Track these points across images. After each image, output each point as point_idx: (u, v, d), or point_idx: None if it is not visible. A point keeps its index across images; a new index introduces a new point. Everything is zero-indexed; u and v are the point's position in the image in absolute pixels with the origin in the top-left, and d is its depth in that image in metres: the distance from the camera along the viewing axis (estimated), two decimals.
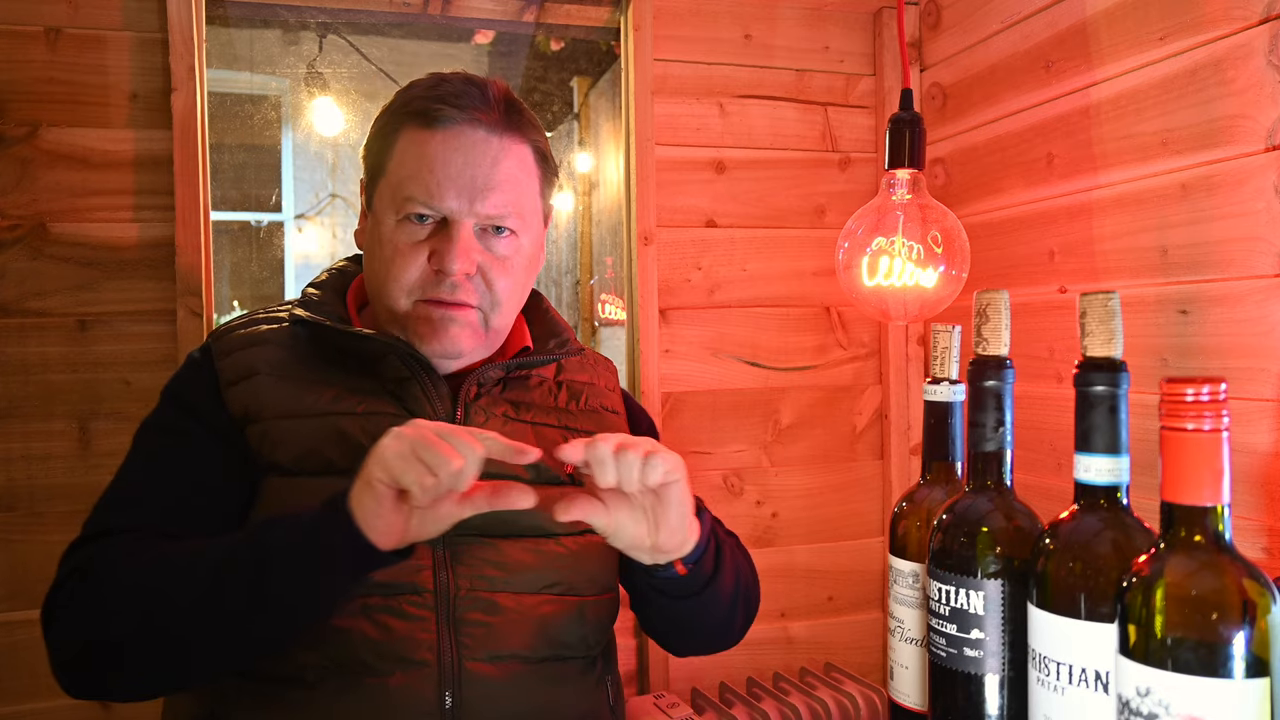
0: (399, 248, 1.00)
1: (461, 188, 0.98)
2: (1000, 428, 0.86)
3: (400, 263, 0.99)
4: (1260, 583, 0.65)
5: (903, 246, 1.48)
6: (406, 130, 1.01)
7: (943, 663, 0.86)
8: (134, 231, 1.50)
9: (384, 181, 1.02)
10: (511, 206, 1.01)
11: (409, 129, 1.01)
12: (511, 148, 1.02)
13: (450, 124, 0.99)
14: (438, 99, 0.99)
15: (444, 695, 0.93)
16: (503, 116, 1.01)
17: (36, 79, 1.46)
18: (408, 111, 1.01)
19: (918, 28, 1.85)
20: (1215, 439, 0.65)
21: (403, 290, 1.00)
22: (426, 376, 1.02)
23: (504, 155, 1.01)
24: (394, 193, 1.00)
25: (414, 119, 1.00)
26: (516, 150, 1.02)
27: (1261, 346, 1.17)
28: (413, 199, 0.98)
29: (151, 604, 0.87)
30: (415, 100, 1.01)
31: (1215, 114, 1.22)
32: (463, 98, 1.00)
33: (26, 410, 1.46)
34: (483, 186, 0.99)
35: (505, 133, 1.01)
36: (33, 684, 1.42)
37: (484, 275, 1.01)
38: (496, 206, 1.00)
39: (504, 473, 1.02)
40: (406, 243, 1.00)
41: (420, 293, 1.00)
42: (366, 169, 1.07)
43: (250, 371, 1.00)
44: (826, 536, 1.86)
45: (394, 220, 1.00)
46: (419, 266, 1.00)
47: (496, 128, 1.01)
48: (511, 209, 1.01)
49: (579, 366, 1.17)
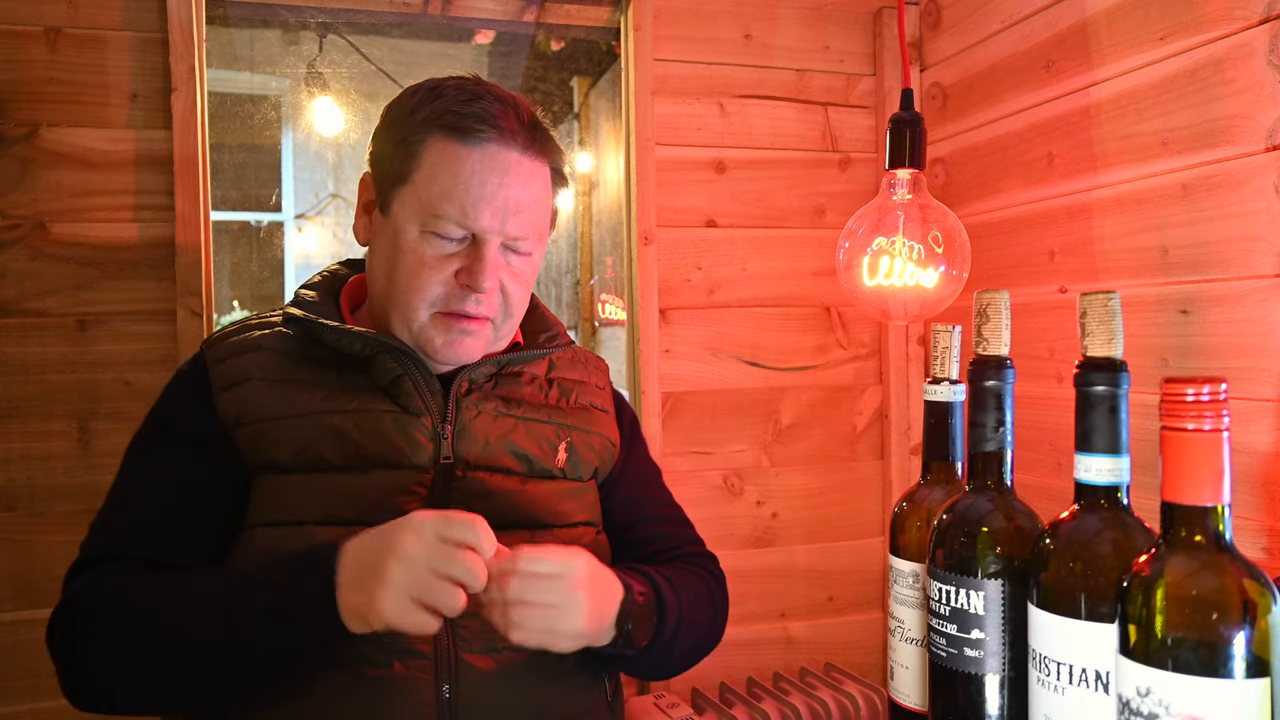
0: (425, 260, 0.99)
1: (496, 209, 0.98)
2: (1000, 428, 0.86)
3: (427, 275, 0.99)
4: (1260, 583, 0.65)
5: (903, 246, 1.48)
6: (437, 141, 0.99)
7: (943, 663, 0.86)
8: (134, 231, 1.50)
9: (408, 190, 1.00)
10: (534, 229, 1.03)
11: (441, 140, 0.99)
12: (539, 170, 1.03)
13: (487, 143, 0.99)
14: (477, 117, 0.98)
15: (441, 687, 0.93)
16: (532, 138, 1.02)
17: (36, 79, 1.46)
18: (441, 124, 0.99)
19: (918, 28, 1.85)
20: (1215, 439, 0.65)
21: (424, 302, 1.00)
22: (419, 373, 1.02)
23: (533, 178, 1.02)
24: (422, 205, 0.99)
25: (448, 132, 0.99)
26: (542, 172, 1.04)
27: (1261, 346, 1.17)
28: (446, 217, 0.98)
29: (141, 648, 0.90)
30: (449, 114, 0.99)
31: (1215, 114, 1.22)
32: (500, 118, 0.99)
33: (26, 410, 1.46)
34: (514, 208, 1.00)
35: (535, 155, 1.02)
36: (34, 684, 1.42)
37: (502, 289, 1.02)
38: (521, 228, 1.01)
39: (497, 466, 1.03)
40: (433, 256, 0.99)
41: (443, 305, 1.00)
42: (384, 171, 1.03)
43: (243, 377, 1.01)
44: (827, 536, 1.86)
45: (418, 231, 0.99)
46: (444, 281, 1.00)
47: (528, 150, 1.01)
48: (533, 231, 1.03)
49: (571, 364, 1.17)
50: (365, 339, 1.02)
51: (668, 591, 1.03)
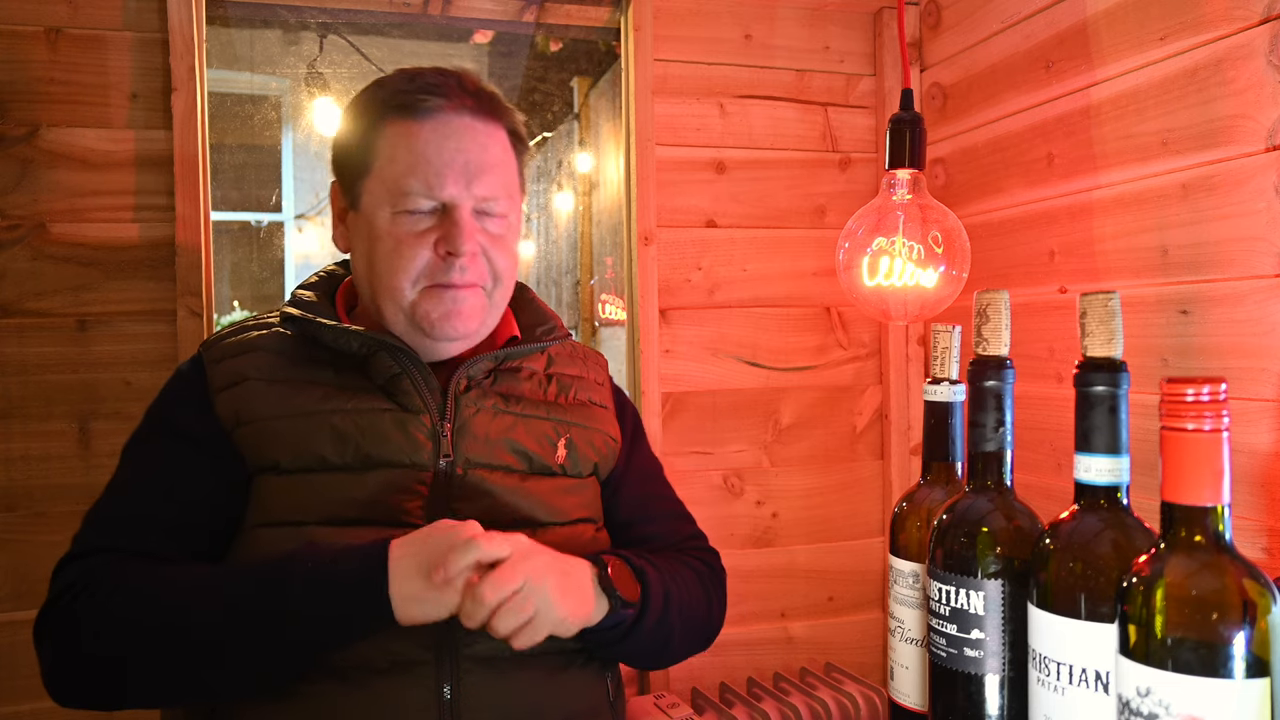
0: (402, 239, 1.01)
1: (458, 173, 1.00)
2: (1000, 428, 0.86)
3: (407, 253, 1.00)
4: (1260, 583, 0.65)
5: (903, 246, 1.48)
6: (391, 124, 1.02)
7: (943, 663, 0.86)
8: (134, 231, 1.50)
9: (372, 179, 1.03)
10: (501, 188, 1.04)
11: (393, 123, 1.02)
12: (494, 132, 1.05)
13: (437, 112, 1.01)
14: (420, 90, 1.01)
15: (442, 688, 0.93)
16: (480, 102, 1.04)
17: (36, 79, 1.46)
18: (390, 107, 1.02)
19: (918, 28, 1.85)
20: (1215, 439, 0.65)
21: (409, 279, 1.01)
22: (416, 371, 1.03)
23: (490, 139, 1.04)
24: (389, 188, 1.01)
25: (397, 112, 1.02)
26: (497, 134, 1.05)
27: (1261, 346, 1.17)
28: (412, 192, 1.00)
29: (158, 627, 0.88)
30: (395, 95, 1.02)
31: (1215, 114, 1.22)
32: (442, 87, 1.02)
33: (26, 410, 1.45)
34: (476, 170, 1.01)
35: (487, 118, 1.04)
36: (33, 684, 1.41)
37: (485, 254, 1.03)
38: (489, 188, 1.02)
39: (497, 463, 1.03)
40: (409, 234, 1.01)
41: (428, 279, 1.01)
42: (347, 171, 1.06)
43: (240, 377, 1.01)
44: (827, 536, 1.86)
45: (390, 214, 1.01)
46: (425, 254, 1.01)
47: (479, 113, 1.04)
48: (502, 190, 1.04)
49: (570, 360, 1.18)
50: (363, 338, 1.02)
51: (641, 562, 1.03)
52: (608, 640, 1.00)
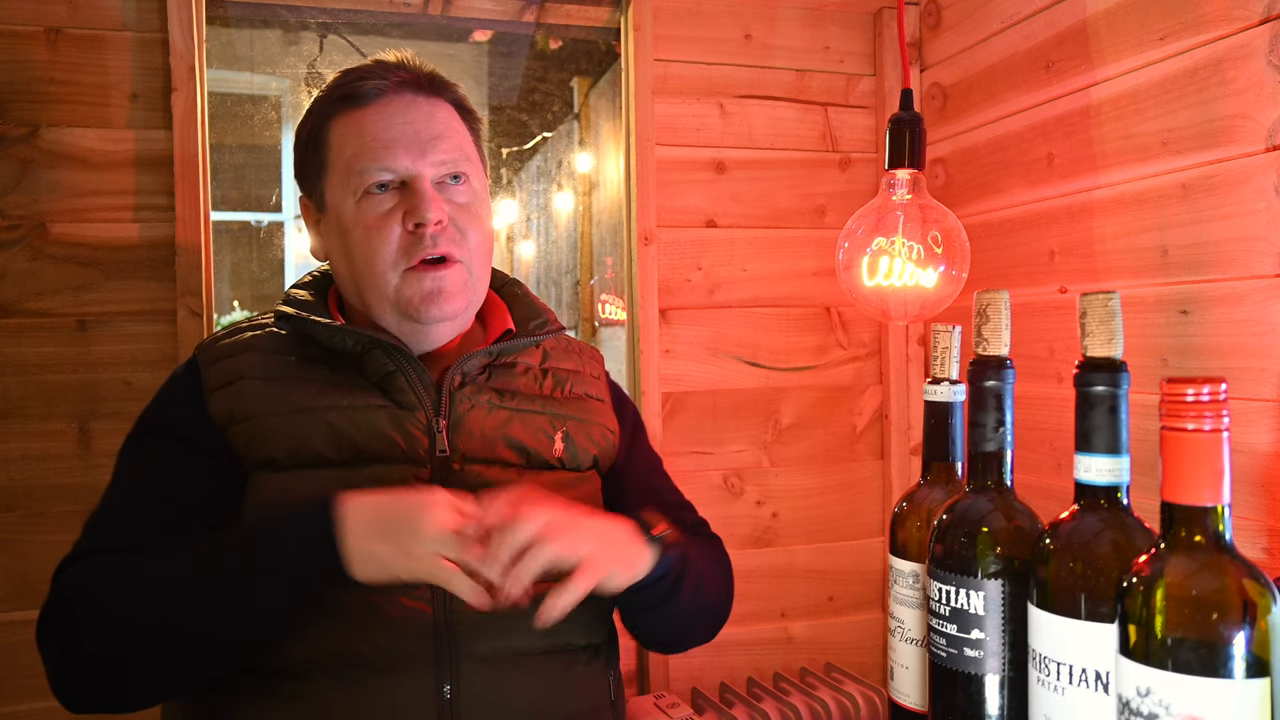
0: (369, 223, 1.02)
1: (409, 144, 1.02)
2: (1000, 428, 0.86)
3: (377, 235, 1.01)
4: (1260, 583, 0.65)
5: (903, 246, 1.48)
6: (338, 118, 1.05)
7: (943, 663, 0.86)
8: (134, 231, 1.50)
9: (330, 173, 1.05)
10: (457, 151, 1.05)
11: (340, 116, 1.05)
12: (439, 104, 1.07)
13: (379, 95, 1.04)
14: (361, 77, 1.05)
15: (442, 687, 0.93)
16: (420, 82, 1.07)
17: (36, 79, 1.46)
18: (332, 100, 1.05)
19: (918, 28, 1.85)
20: (1215, 439, 0.65)
21: (388, 262, 1.01)
22: (411, 368, 1.03)
23: (436, 109, 1.06)
24: (345, 176, 1.03)
25: (341, 104, 1.05)
26: (443, 106, 1.08)
27: (1261, 346, 1.17)
28: (366, 170, 1.01)
29: (145, 610, 0.88)
30: (336, 89, 1.06)
31: (1215, 114, 1.22)
32: (379, 70, 1.05)
33: (26, 410, 1.45)
34: (427, 139, 1.03)
35: (429, 93, 1.07)
36: (33, 684, 1.41)
37: (455, 224, 1.03)
38: (446, 152, 1.04)
39: (494, 458, 1.03)
40: (375, 216, 1.02)
41: (405, 259, 1.01)
42: (307, 177, 1.09)
43: (235, 377, 1.01)
44: (827, 536, 1.86)
45: (354, 201, 1.02)
46: (395, 232, 1.01)
47: (421, 89, 1.06)
48: (458, 153, 1.05)
49: (565, 354, 1.18)
50: (357, 336, 1.03)
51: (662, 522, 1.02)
52: (651, 600, 0.98)
